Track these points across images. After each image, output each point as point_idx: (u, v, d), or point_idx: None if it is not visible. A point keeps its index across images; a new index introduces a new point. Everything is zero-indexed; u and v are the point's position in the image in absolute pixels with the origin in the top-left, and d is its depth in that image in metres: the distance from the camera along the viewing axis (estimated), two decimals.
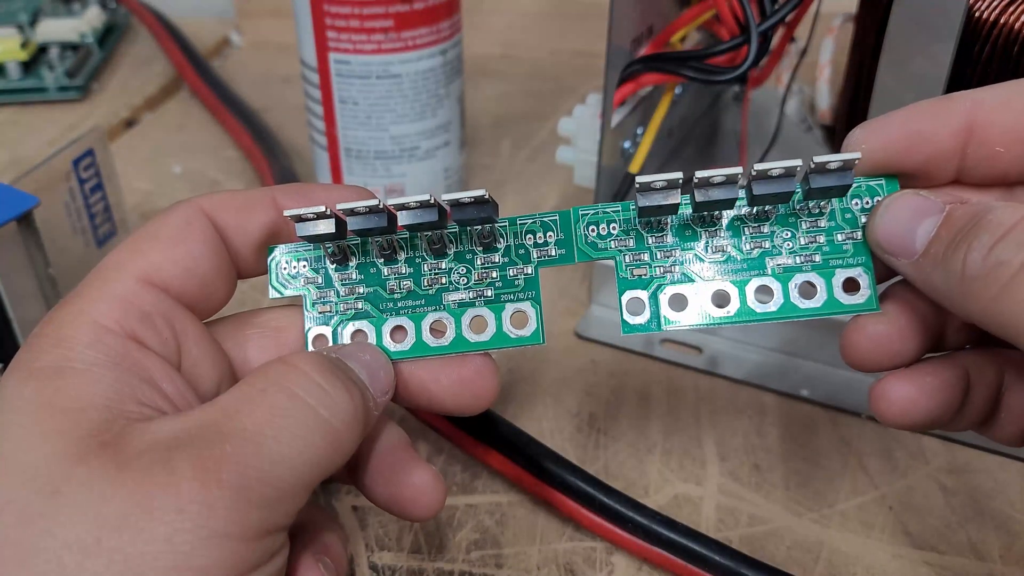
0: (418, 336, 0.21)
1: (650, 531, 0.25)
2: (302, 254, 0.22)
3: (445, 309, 0.21)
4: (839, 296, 0.20)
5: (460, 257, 0.21)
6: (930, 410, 0.19)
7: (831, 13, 0.37)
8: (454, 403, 0.21)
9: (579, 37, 0.61)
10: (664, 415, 0.31)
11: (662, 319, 0.21)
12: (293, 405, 0.18)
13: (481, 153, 0.49)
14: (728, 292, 0.20)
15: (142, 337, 0.19)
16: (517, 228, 0.21)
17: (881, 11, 0.32)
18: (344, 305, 0.22)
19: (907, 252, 0.19)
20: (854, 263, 0.20)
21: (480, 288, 0.21)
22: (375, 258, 0.22)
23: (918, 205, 0.19)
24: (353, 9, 0.35)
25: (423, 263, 0.21)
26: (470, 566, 0.26)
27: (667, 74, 0.32)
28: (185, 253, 0.20)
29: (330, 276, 0.22)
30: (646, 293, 0.21)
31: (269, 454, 0.17)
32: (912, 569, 0.26)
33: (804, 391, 0.32)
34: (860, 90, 0.35)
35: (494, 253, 0.21)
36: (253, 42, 0.64)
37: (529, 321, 0.21)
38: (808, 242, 0.20)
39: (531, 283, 0.21)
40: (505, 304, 0.21)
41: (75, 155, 0.34)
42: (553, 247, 0.21)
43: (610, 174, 0.33)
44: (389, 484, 0.21)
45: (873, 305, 0.20)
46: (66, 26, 0.56)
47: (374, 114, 0.38)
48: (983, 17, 0.30)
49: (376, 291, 0.22)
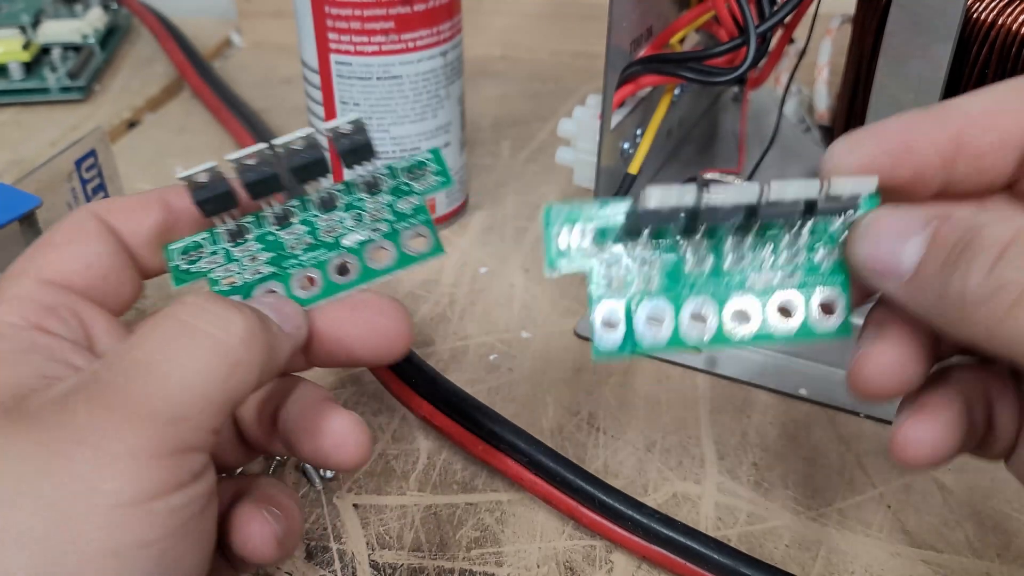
0: (326, 279, 0.22)
1: (649, 529, 0.25)
2: (199, 242, 0.22)
3: (347, 250, 0.22)
4: (815, 319, 0.19)
5: (349, 207, 0.23)
6: (956, 444, 0.19)
7: (829, 14, 0.37)
8: (372, 352, 0.22)
9: (579, 38, 0.61)
10: (663, 414, 0.32)
11: (636, 338, 0.19)
12: (182, 329, 0.18)
13: (481, 154, 0.49)
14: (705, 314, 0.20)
15: (48, 327, 0.20)
16: (396, 170, 0.23)
17: (879, 12, 0.32)
18: (249, 273, 0.22)
19: (894, 274, 0.18)
20: (833, 283, 0.19)
21: (376, 225, 0.23)
22: (270, 227, 0.23)
23: (901, 224, 0.18)
24: (354, 11, 0.35)
25: (317, 219, 0.23)
26: (470, 564, 0.26)
27: (666, 75, 0.32)
28: (80, 252, 0.21)
29: (230, 253, 0.22)
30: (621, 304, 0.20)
31: (161, 376, 0.17)
32: (910, 567, 0.26)
33: (802, 390, 0.32)
34: (858, 91, 0.36)
35: (380, 195, 0.23)
36: (254, 43, 0.64)
37: (427, 239, 0.22)
38: (788, 260, 0.20)
39: (419, 210, 0.23)
40: (400, 232, 0.22)
41: (77, 156, 0.34)
42: (432, 176, 0.23)
43: (609, 175, 0.33)
44: (312, 437, 0.21)
45: (847, 332, 0.20)
46: (68, 27, 0.56)
47: (375, 115, 0.38)
48: (981, 18, 0.30)
49: (278, 254, 0.22)
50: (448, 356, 0.34)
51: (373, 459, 0.30)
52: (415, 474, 0.29)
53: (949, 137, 0.18)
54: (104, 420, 0.16)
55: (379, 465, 0.30)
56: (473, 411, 0.29)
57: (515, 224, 0.42)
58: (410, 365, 0.30)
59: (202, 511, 0.18)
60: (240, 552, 0.20)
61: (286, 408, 0.22)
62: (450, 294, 0.38)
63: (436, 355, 0.34)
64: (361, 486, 0.29)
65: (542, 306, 0.37)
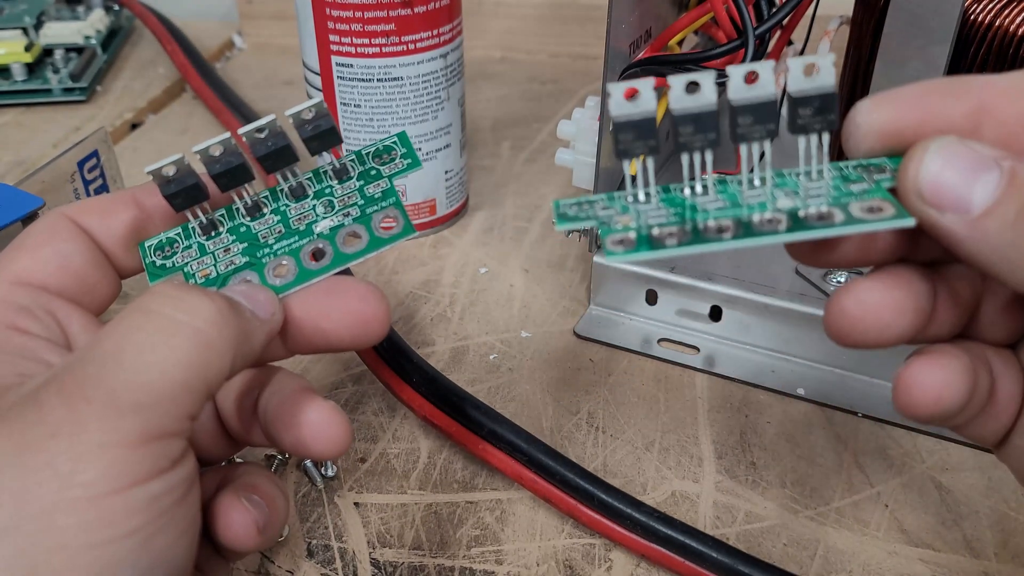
0: (299, 266, 0.22)
1: (648, 528, 0.26)
2: (173, 238, 0.23)
3: (320, 236, 0.22)
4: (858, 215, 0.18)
5: (319, 194, 0.23)
6: (963, 395, 0.18)
7: (827, 16, 0.37)
8: (350, 336, 0.22)
9: (578, 40, 0.61)
10: (661, 413, 0.32)
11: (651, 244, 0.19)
12: (149, 318, 0.18)
13: (481, 155, 0.49)
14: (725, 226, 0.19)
15: (23, 326, 0.20)
16: (363, 155, 0.23)
17: (877, 14, 0.33)
18: (224, 264, 0.22)
19: (960, 208, 0.17)
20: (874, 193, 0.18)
21: (346, 210, 0.23)
22: (242, 219, 0.23)
23: (974, 156, 0.17)
24: (355, 13, 0.36)
25: (287, 209, 0.23)
26: (470, 562, 0.26)
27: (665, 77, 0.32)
28: (52, 253, 0.21)
29: (203, 246, 0.23)
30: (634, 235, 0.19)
31: (132, 364, 0.17)
32: (907, 566, 0.26)
33: (800, 390, 0.32)
34: (856, 92, 0.36)
35: (349, 181, 0.23)
36: (256, 45, 0.64)
37: (398, 219, 0.22)
38: None
39: (389, 192, 0.23)
40: (372, 215, 0.23)
41: (80, 156, 0.34)
42: (400, 160, 0.23)
43: (608, 176, 0.33)
44: (290, 428, 0.21)
45: (906, 216, 0.18)
46: (70, 29, 0.56)
47: (376, 117, 0.38)
48: (978, 20, 0.30)
49: (251, 244, 0.23)
50: (448, 356, 0.34)
51: (374, 458, 0.30)
52: (416, 473, 0.29)
53: (972, 105, 0.18)
54: (76, 411, 0.16)
55: (380, 464, 0.30)
56: (473, 410, 0.29)
57: (515, 224, 0.43)
58: (410, 365, 0.31)
59: (183, 498, 0.18)
60: (222, 540, 0.20)
61: (264, 398, 0.22)
62: (450, 294, 0.38)
63: (436, 355, 0.34)
64: (362, 485, 0.29)
65: (542, 306, 0.37)
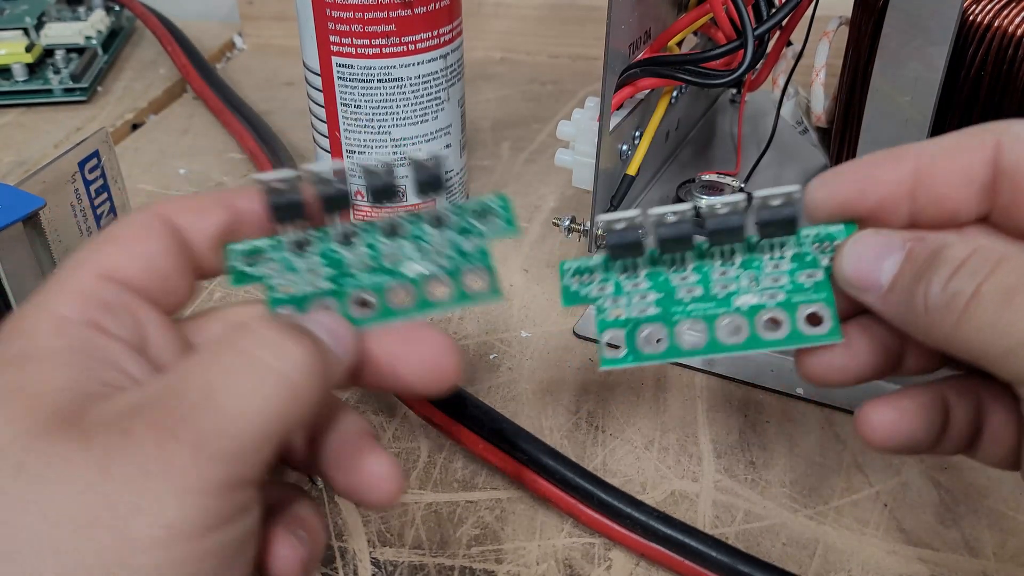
0: (382, 303, 0.22)
1: (647, 527, 0.26)
2: (261, 247, 0.22)
3: (406, 278, 0.22)
4: (803, 328, 0.21)
5: (413, 236, 0.23)
6: (912, 431, 0.21)
7: (826, 16, 0.37)
8: (420, 384, 0.22)
9: (578, 41, 0.61)
10: (661, 412, 0.32)
11: (638, 354, 0.22)
12: (245, 360, 0.18)
13: (481, 156, 0.49)
14: (697, 330, 0.22)
15: (104, 325, 0.19)
16: (464, 210, 0.23)
17: (876, 14, 0.33)
18: (307, 285, 0.22)
19: (873, 287, 0.20)
20: (816, 299, 0.21)
21: (438, 259, 0.22)
22: (335, 243, 0.22)
23: (881, 243, 0.20)
24: (355, 14, 0.36)
25: (380, 244, 0.23)
26: (470, 561, 0.27)
27: (664, 78, 0.33)
28: (143, 251, 0.21)
29: (291, 262, 0.22)
30: (623, 332, 0.22)
31: (224, 409, 0.17)
32: (906, 566, 0.26)
33: (799, 389, 0.32)
34: (855, 93, 0.36)
35: (445, 230, 0.23)
36: (257, 46, 0.64)
37: (486, 280, 0.22)
38: (772, 282, 0.22)
39: (482, 251, 0.22)
40: (462, 270, 0.22)
41: (81, 157, 0.34)
42: (499, 221, 0.23)
43: (608, 176, 0.33)
44: (348, 472, 0.21)
45: (836, 335, 0.21)
46: (71, 29, 0.56)
47: (376, 117, 0.38)
48: (977, 20, 0.30)
49: (338, 271, 0.22)
50: None
51: None
52: (416, 472, 0.30)
53: (907, 171, 0.20)
54: (166, 451, 0.16)
55: None
56: (473, 410, 0.29)
57: None
58: None
59: (249, 543, 0.18)
60: (267, 571, 0.20)
61: (326, 436, 0.21)
62: None
63: None
64: None
65: (542, 306, 0.37)
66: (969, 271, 0.18)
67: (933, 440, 0.21)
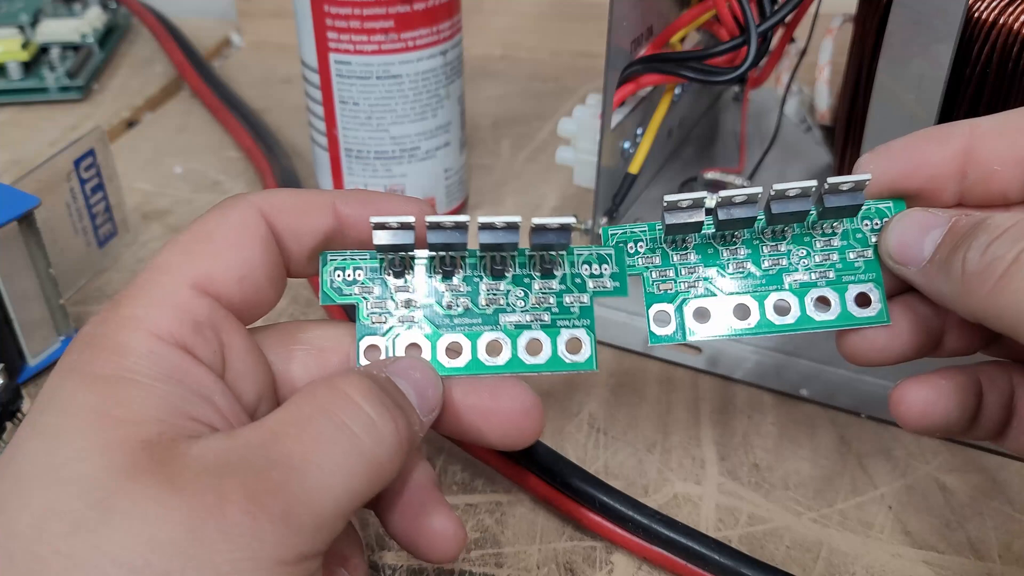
0: (474, 354, 0.21)
1: (650, 530, 0.25)
2: (358, 262, 0.21)
3: (502, 329, 0.21)
4: (852, 310, 0.21)
5: (518, 280, 0.21)
6: (948, 412, 0.20)
7: (830, 13, 0.37)
8: (501, 442, 0.22)
9: (579, 38, 0.61)
10: (663, 414, 0.31)
11: (687, 330, 0.22)
12: (339, 434, 0.18)
13: (481, 153, 0.49)
14: (748, 306, 0.21)
15: (193, 348, 0.19)
16: (574, 257, 0.22)
17: (880, 11, 0.32)
18: (399, 317, 0.21)
19: (915, 260, 0.20)
20: (865, 279, 0.21)
21: (537, 312, 0.21)
22: (433, 273, 0.21)
23: (926, 218, 0.20)
24: (353, 10, 0.35)
25: (480, 282, 0.21)
26: (471, 565, 0.26)
27: (667, 75, 0.32)
28: (241, 260, 0.19)
29: (387, 287, 0.21)
30: (672, 306, 0.22)
31: (313, 483, 0.17)
32: (911, 568, 0.26)
33: (803, 390, 0.32)
34: (859, 91, 0.35)
35: (551, 280, 0.21)
36: (254, 43, 0.64)
37: (583, 347, 0.21)
38: (822, 260, 0.21)
39: (586, 311, 0.21)
40: (561, 329, 0.21)
41: (76, 155, 0.34)
42: (608, 279, 0.22)
43: (610, 174, 0.33)
44: (411, 523, 0.21)
45: (884, 318, 0.21)
46: (67, 26, 0.56)
47: (374, 115, 0.38)
48: (982, 18, 0.30)
49: (432, 306, 0.21)
50: None
51: None
52: None
53: (957, 149, 0.20)
54: (256, 519, 0.16)
55: None
56: None
57: None
58: None
59: None
60: None
61: (394, 483, 0.21)
62: None
63: None
64: None
65: None
66: (1010, 237, 0.18)
67: (966, 424, 0.21)
